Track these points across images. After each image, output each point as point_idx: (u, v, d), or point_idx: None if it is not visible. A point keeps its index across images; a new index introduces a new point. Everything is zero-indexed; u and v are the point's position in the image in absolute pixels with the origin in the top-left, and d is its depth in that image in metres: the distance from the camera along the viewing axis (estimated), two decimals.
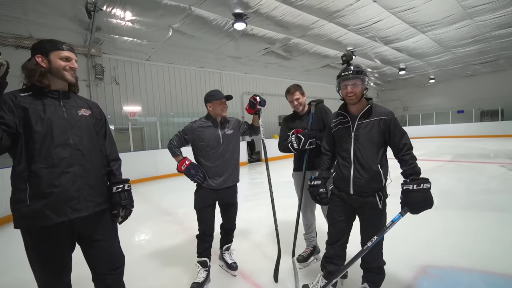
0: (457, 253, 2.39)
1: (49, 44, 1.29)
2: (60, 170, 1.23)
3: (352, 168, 1.61)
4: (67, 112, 1.31)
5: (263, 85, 12.61)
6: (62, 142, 1.26)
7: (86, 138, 1.35)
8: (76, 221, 1.28)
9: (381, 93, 20.99)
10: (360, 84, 1.58)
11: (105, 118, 1.53)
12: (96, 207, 1.35)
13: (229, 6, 5.50)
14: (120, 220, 1.45)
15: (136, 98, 8.78)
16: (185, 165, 2.05)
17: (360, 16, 6.44)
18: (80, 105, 1.39)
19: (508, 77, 14.80)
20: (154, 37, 6.95)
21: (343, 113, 1.70)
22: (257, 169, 8.80)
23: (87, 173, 1.31)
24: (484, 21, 7.20)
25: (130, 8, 5.30)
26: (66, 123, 1.29)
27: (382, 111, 1.61)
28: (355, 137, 1.61)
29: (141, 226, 3.76)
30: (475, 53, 10.69)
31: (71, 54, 1.32)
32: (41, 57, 1.26)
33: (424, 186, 1.43)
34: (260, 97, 2.15)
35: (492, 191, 4.42)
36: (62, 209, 1.23)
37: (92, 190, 1.33)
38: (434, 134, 16.07)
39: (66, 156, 1.25)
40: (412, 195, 1.45)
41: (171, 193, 5.99)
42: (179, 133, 2.13)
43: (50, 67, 1.27)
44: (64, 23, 5.77)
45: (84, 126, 1.35)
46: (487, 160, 7.42)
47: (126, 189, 1.46)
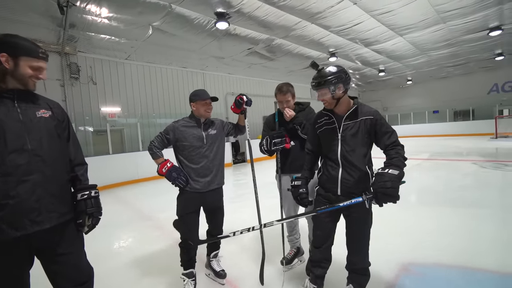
0: (438, 250, 2.45)
1: (23, 46, 1.14)
2: (16, 179, 1.10)
3: (340, 169, 1.59)
4: (23, 114, 1.17)
5: (247, 86, 12.56)
6: (17, 147, 1.12)
7: (46, 142, 1.21)
8: (36, 234, 1.14)
9: (362, 93, 21.60)
10: (327, 93, 1.53)
11: (68, 119, 1.39)
12: (60, 218, 1.22)
13: (210, 5, 5.41)
14: (86, 230, 1.33)
15: (115, 99, 8.43)
16: (166, 168, 1.92)
17: (341, 18, 6.57)
18: (38, 106, 1.24)
19: (478, 79, 15.73)
20: (133, 36, 6.70)
21: (328, 114, 1.66)
22: (241, 170, 8.73)
23: (48, 181, 1.19)
24: (456, 25, 7.59)
25: (106, 4, 5.06)
26: (22, 126, 1.15)
27: (368, 111, 1.58)
28: (342, 138, 1.59)
29: (119, 232, 3.58)
30: (448, 56, 11.26)
31: (44, 64, 1.20)
32: (6, 57, 1.11)
33: (391, 171, 1.34)
34: (246, 97, 2.08)
35: (468, 187, 4.64)
36: (19, 222, 1.10)
37: (54, 199, 1.21)
38: (412, 133, 16.76)
39: (23, 162, 1.12)
40: (378, 177, 1.36)
41: (153, 196, 5.78)
42: (160, 133, 2.03)
43: (15, 70, 1.13)
44: (35, 19, 5.41)
45: (43, 128, 1.21)
46: (461, 158, 7.81)
47: (93, 196, 1.34)
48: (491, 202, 3.75)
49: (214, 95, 2.09)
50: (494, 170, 5.71)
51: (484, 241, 2.59)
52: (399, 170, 1.37)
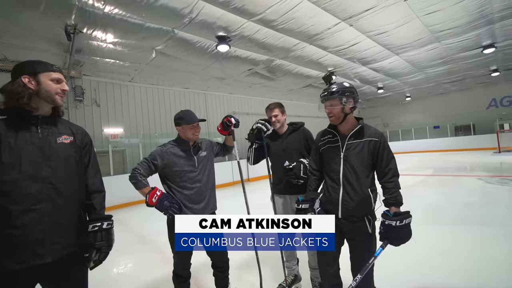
0: (447, 273, 2.34)
1: (37, 64, 1.18)
2: (23, 208, 1.05)
3: (341, 190, 1.54)
4: (44, 139, 1.16)
5: (248, 105, 12.74)
6: (31, 175, 1.09)
7: (62, 169, 1.18)
8: (38, 268, 1.08)
9: (362, 111, 21.81)
10: (338, 104, 1.52)
11: (91, 144, 1.37)
12: (63, 250, 1.15)
13: (212, 29, 5.62)
14: (92, 265, 1.25)
15: (118, 120, 8.53)
16: (156, 197, 1.73)
17: (338, 39, 6.78)
18: (61, 132, 1.23)
19: (476, 95, 15.92)
20: (137, 59, 6.91)
21: (332, 132, 1.65)
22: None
23: (58, 211, 1.13)
24: (450, 44, 7.80)
25: (111, 30, 5.27)
26: (40, 153, 1.13)
27: (373, 132, 1.57)
28: (344, 158, 1.55)
29: (118, 257, 3.46)
30: (445, 73, 11.47)
31: (61, 76, 1.22)
32: (28, 78, 1.14)
33: (406, 221, 1.39)
34: (234, 118, 2.03)
35: (475, 204, 4.52)
36: (20, 254, 1.04)
37: (62, 230, 1.15)
38: (414, 149, 16.69)
39: (33, 191, 1.08)
40: (394, 232, 1.39)
41: (153, 219, 5.63)
42: (146, 159, 1.85)
43: (39, 89, 1.15)
44: (42, 45, 5.61)
45: (61, 155, 1.19)
46: (465, 173, 7.70)
47: (105, 228, 1.25)
48: (501, 220, 3.63)
49: (215, 114, 2.08)
50: (500, 185, 5.60)
51: (496, 263, 2.46)
52: (406, 216, 1.40)
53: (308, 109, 15.60)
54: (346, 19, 5.75)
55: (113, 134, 8.36)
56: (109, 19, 4.85)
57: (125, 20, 4.92)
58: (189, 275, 1.96)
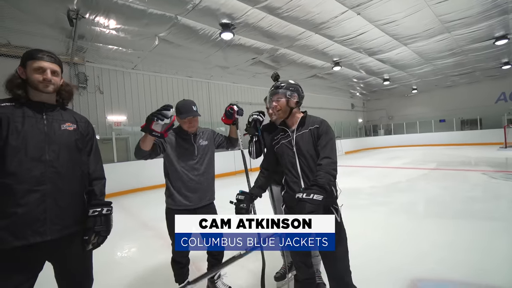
0: (448, 265, 2.35)
1: (27, 54, 1.22)
2: (27, 188, 1.12)
3: (302, 183, 1.56)
4: (48, 126, 1.23)
5: (251, 95, 12.64)
6: (35, 157, 1.16)
7: (64, 154, 1.25)
8: (40, 245, 1.15)
9: (367, 102, 21.57)
10: (283, 97, 1.62)
11: (93, 133, 1.44)
12: (63, 230, 1.22)
13: (216, 16, 5.51)
14: (90, 247, 1.32)
15: (121, 107, 8.55)
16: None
17: (345, 28, 6.62)
18: (65, 119, 1.31)
19: (484, 88, 15.59)
20: (140, 46, 6.84)
21: (284, 128, 1.70)
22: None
23: (59, 193, 1.21)
24: (460, 35, 7.57)
25: (114, 16, 5.19)
26: (44, 137, 1.21)
27: (315, 121, 1.62)
28: (297, 151, 1.59)
29: (122, 242, 3.54)
30: (454, 65, 11.20)
31: (47, 64, 1.23)
32: (21, 69, 1.22)
33: (315, 197, 1.30)
34: (237, 106, 2.02)
35: (477, 199, 4.49)
36: (22, 231, 1.10)
37: (62, 211, 1.22)
38: (419, 142, 16.54)
39: (37, 173, 1.16)
40: (300, 205, 1.32)
41: (156, 205, 5.74)
42: None
43: (28, 78, 1.21)
44: (45, 30, 5.58)
45: (64, 141, 1.27)
46: (469, 167, 7.64)
47: (104, 214, 1.35)
48: (504, 214, 3.61)
49: (219, 104, 2.06)
50: (505, 181, 5.55)
51: (497, 257, 2.47)
52: (323, 194, 1.32)
53: (311, 99, 15.48)
54: (354, 7, 5.59)
55: (117, 122, 8.40)
56: (112, 4, 4.77)
57: (127, 5, 4.85)
58: (187, 261, 2.00)
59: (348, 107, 19.67)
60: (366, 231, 3.15)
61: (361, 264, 2.06)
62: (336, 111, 18.01)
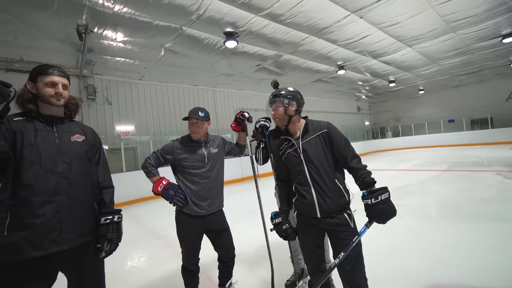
0: (467, 270, 2.28)
1: (37, 69, 1.27)
2: (44, 199, 1.16)
3: (313, 191, 1.54)
4: (59, 138, 1.28)
5: (256, 101, 12.71)
6: (49, 169, 1.20)
7: (76, 165, 1.29)
8: (56, 255, 1.17)
9: (373, 105, 21.39)
10: (280, 106, 1.61)
11: (100, 144, 1.48)
12: (79, 239, 1.25)
13: (219, 25, 5.61)
14: (103, 255, 1.34)
15: (129, 118, 8.71)
16: (162, 186, 1.80)
17: (348, 32, 6.63)
18: (74, 131, 1.35)
19: (494, 87, 15.28)
20: (146, 57, 6.99)
21: (287, 138, 1.67)
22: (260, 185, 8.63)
23: (73, 203, 1.24)
24: (466, 34, 7.48)
25: (121, 29, 5.34)
26: (56, 150, 1.25)
27: (320, 125, 1.61)
28: (305, 158, 1.56)
29: (132, 251, 3.55)
30: (460, 65, 11.04)
31: (58, 79, 1.27)
32: (30, 84, 1.25)
33: (383, 197, 1.38)
34: (247, 113, 2.04)
35: (492, 200, 4.35)
36: (40, 242, 1.13)
37: (76, 221, 1.25)
38: (428, 144, 16.24)
39: (52, 184, 1.19)
40: (373, 209, 1.40)
41: (164, 214, 5.76)
42: (157, 151, 1.93)
43: (38, 93, 1.25)
44: (55, 46, 5.77)
45: (75, 153, 1.31)
46: (482, 168, 7.44)
47: (115, 221, 1.38)
48: None
49: (224, 111, 2.09)
50: None
51: None
52: (381, 191, 1.40)
53: (316, 103, 15.45)
54: (356, 11, 5.61)
55: (125, 132, 8.54)
56: (119, 18, 4.92)
57: (134, 18, 4.98)
58: (197, 269, 1.99)
59: (354, 110, 19.53)
60: (379, 236, 3.08)
61: (375, 270, 2.00)
62: (342, 114, 17.91)
